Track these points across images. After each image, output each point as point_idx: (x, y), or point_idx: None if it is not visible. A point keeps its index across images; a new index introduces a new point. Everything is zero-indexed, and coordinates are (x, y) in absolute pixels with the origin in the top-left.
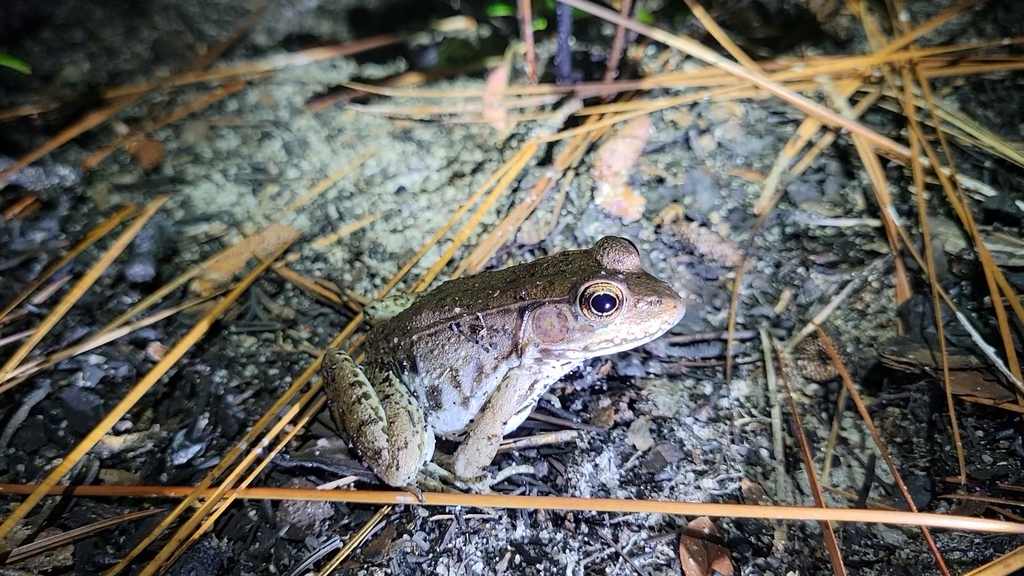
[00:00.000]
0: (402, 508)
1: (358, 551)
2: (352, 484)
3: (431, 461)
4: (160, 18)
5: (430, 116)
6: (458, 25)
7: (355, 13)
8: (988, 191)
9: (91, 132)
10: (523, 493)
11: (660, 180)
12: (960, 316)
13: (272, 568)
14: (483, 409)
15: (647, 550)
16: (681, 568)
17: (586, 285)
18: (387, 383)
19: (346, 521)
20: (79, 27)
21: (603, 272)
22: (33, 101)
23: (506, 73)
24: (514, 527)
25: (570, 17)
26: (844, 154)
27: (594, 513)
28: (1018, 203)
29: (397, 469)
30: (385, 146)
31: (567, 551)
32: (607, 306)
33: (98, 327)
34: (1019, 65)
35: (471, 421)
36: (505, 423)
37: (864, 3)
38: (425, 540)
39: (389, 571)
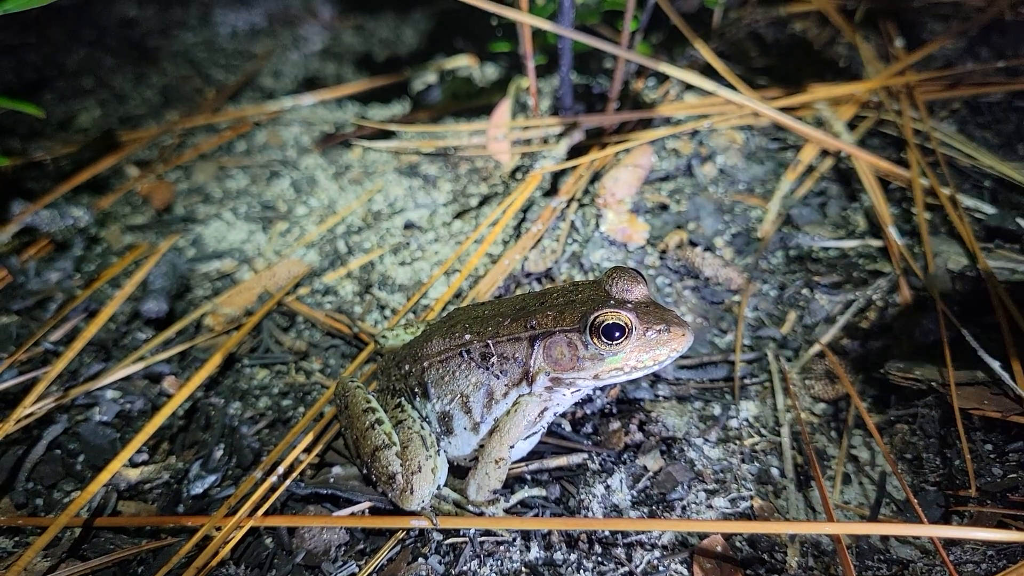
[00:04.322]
0: (416, 532)
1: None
2: (367, 510)
3: (444, 486)
4: (169, 64)
5: (436, 151)
6: (461, 63)
7: (360, 54)
8: (989, 209)
9: (103, 175)
10: (536, 515)
11: (664, 207)
12: (964, 332)
13: None
14: (491, 432)
15: (660, 569)
16: None
17: (596, 314)
18: (399, 409)
19: (361, 546)
20: (90, 75)
21: (612, 301)
22: (46, 147)
23: (509, 107)
24: (528, 549)
25: (571, 51)
26: (845, 177)
27: (607, 533)
28: (1019, 220)
29: (411, 493)
30: (392, 182)
31: (581, 571)
32: (616, 335)
33: (113, 363)
34: (1016, 87)
35: (481, 446)
36: (512, 447)
37: (860, 32)
38: (440, 563)
39: None
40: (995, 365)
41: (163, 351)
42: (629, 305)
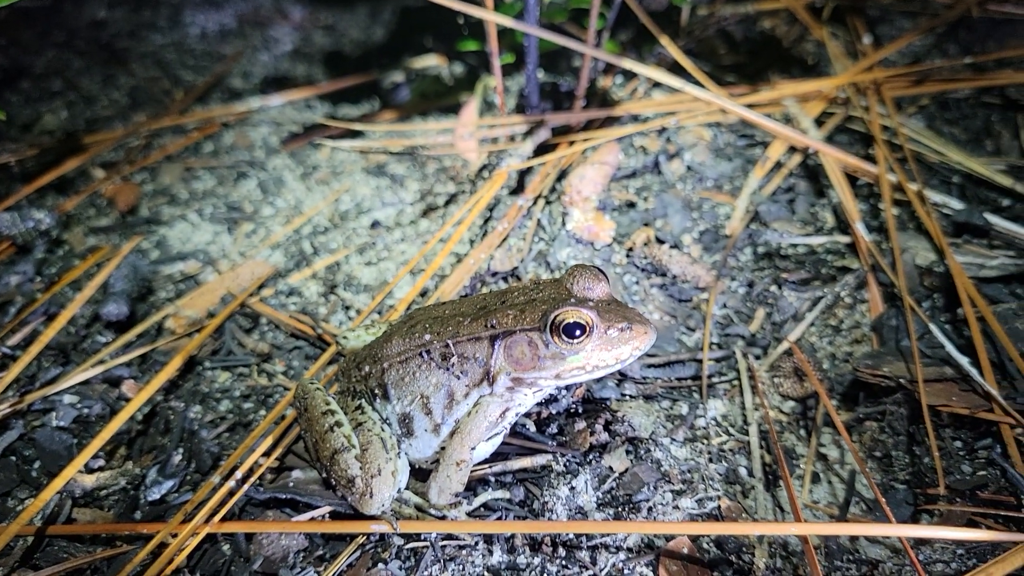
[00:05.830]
0: (377, 537)
1: None
2: (326, 514)
3: (406, 489)
4: (137, 65)
5: (404, 150)
6: (430, 62)
7: (329, 54)
8: (956, 205)
9: (68, 177)
10: (499, 518)
11: (631, 204)
12: (933, 328)
13: None
14: (452, 434)
15: (626, 572)
16: None
17: (556, 313)
18: (359, 411)
19: (321, 552)
20: (57, 77)
21: (573, 300)
22: (11, 149)
23: (477, 106)
24: (491, 553)
25: (537, 49)
26: (813, 173)
27: (571, 536)
28: (986, 215)
29: (371, 497)
30: (359, 181)
31: (545, 575)
32: (577, 333)
33: (72, 367)
34: (983, 83)
35: (442, 448)
36: (474, 448)
37: (828, 28)
38: (400, 569)
39: None
40: (963, 361)
41: (123, 354)
42: (590, 303)
